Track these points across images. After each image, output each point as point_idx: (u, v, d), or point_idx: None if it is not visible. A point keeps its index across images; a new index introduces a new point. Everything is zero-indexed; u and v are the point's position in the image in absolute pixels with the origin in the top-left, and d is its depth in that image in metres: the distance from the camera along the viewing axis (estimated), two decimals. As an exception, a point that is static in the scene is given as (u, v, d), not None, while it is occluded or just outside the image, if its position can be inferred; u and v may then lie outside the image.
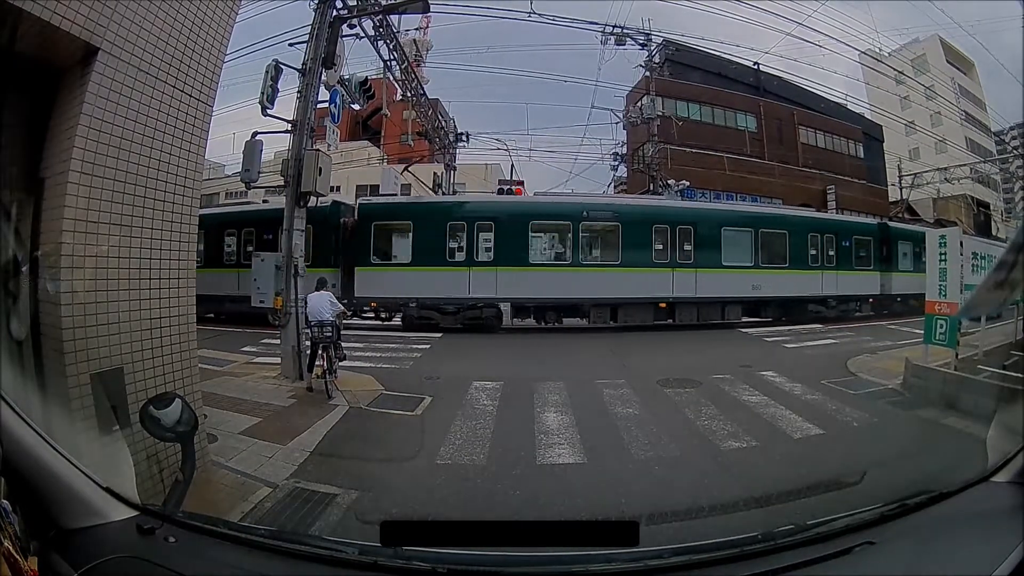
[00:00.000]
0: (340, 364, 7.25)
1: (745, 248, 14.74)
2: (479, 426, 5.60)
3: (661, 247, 13.99)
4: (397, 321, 13.84)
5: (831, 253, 15.52)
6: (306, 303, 7.41)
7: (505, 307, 13.60)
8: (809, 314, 15.12)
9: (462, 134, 20.47)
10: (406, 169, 18.44)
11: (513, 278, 13.28)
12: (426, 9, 9.85)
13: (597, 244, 14.46)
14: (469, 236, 13.41)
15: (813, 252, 15.30)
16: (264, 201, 15.63)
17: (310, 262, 10.72)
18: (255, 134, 8.12)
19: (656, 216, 14.41)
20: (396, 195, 16.74)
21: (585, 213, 13.98)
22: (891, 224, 18.55)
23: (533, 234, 13.87)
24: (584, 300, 13.82)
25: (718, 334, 13.57)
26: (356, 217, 13.84)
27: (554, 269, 13.73)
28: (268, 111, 8.01)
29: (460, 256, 13.38)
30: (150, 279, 3.58)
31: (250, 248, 13.23)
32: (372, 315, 13.84)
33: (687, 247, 14.11)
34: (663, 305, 14.05)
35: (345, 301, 9.83)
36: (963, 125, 31.91)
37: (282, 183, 8.38)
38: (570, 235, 13.92)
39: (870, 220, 20.19)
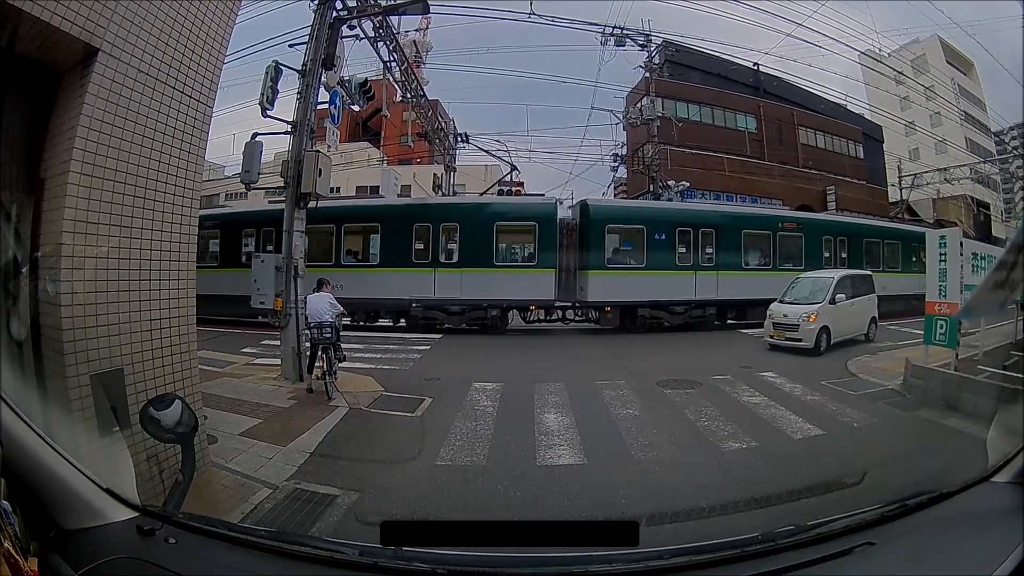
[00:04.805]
0: (340, 365, 7.23)
1: None
2: (479, 427, 5.60)
3: None
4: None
5: None
6: (306, 304, 7.41)
7: None
8: None
9: (462, 134, 20.47)
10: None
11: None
12: (426, 10, 9.83)
13: None
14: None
15: None
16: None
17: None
18: (255, 135, 8.13)
19: None
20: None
21: None
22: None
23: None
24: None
25: (718, 335, 13.57)
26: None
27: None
28: (268, 112, 8.01)
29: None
30: (150, 279, 3.58)
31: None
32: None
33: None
34: None
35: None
36: (963, 125, 31.84)
37: (282, 184, 8.38)
38: None
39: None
